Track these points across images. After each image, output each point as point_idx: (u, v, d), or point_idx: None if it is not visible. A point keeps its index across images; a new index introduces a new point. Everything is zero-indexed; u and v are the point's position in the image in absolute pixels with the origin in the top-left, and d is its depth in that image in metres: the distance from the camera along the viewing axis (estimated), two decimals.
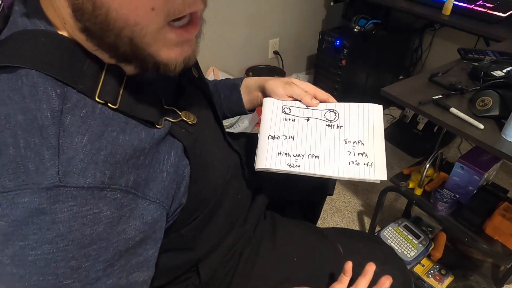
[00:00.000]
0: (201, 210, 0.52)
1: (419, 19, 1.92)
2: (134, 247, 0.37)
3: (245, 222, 0.68)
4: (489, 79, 0.93)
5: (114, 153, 0.35)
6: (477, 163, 1.03)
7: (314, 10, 2.24)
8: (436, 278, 1.22)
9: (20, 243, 0.31)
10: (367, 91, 2.07)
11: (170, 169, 0.42)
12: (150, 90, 0.42)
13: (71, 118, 0.33)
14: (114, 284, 0.36)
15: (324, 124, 0.65)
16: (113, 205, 0.34)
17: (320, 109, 0.67)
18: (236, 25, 1.97)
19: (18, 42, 0.34)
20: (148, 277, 0.41)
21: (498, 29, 1.37)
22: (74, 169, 0.32)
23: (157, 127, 0.40)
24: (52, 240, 0.31)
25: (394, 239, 1.28)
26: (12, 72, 0.33)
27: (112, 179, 0.34)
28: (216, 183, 0.54)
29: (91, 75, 0.35)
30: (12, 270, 0.32)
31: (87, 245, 0.33)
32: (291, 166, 0.60)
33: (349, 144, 0.62)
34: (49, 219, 0.31)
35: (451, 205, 1.07)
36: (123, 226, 0.35)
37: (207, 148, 0.51)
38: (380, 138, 0.63)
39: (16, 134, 0.31)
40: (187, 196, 0.46)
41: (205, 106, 0.56)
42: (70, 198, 0.32)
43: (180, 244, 0.54)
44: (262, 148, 0.62)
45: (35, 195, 0.31)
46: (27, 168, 0.31)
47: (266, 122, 0.65)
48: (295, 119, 0.65)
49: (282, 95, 0.66)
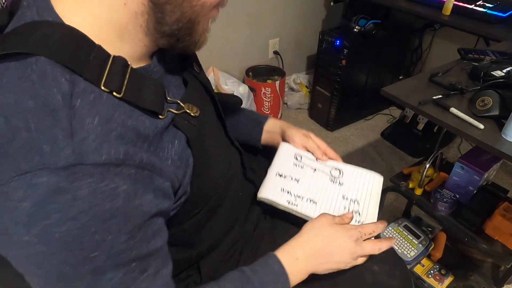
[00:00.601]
0: (203, 204, 0.53)
1: (419, 19, 1.92)
2: (150, 219, 0.39)
3: (245, 221, 0.69)
4: (489, 79, 0.93)
5: (124, 135, 0.36)
6: (477, 163, 1.03)
7: (314, 10, 2.24)
8: (436, 278, 1.22)
9: (45, 222, 0.32)
10: (367, 91, 2.07)
11: (175, 156, 0.43)
12: (153, 81, 0.43)
13: (81, 101, 0.34)
14: (137, 255, 0.38)
15: (328, 178, 0.73)
16: (129, 180, 0.36)
17: (328, 165, 0.75)
18: (236, 25, 1.97)
19: (27, 32, 0.35)
20: (164, 241, 0.43)
21: (498, 29, 1.37)
22: (88, 148, 0.33)
23: (160, 118, 0.41)
24: (75, 216, 0.33)
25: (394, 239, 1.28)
26: (21, 60, 0.34)
27: (126, 155, 0.36)
28: (218, 177, 0.55)
29: (97, 65, 0.36)
30: (41, 248, 0.33)
31: (108, 219, 0.35)
32: (290, 203, 0.66)
33: (346, 200, 0.69)
34: (70, 196, 0.32)
35: (451, 205, 1.07)
36: (139, 200, 0.37)
37: (209, 141, 0.52)
38: (375, 204, 0.69)
39: (27, 118, 0.32)
40: (190, 188, 0.47)
41: (207, 101, 0.57)
42: (87, 175, 0.33)
43: (182, 240, 0.55)
44: (268, 181, 0.69)
45: (53, 175, 0.32)
46: (41, 149, 0.32)
47: (278, 161, 0.73)
48: (303, 167, 0.74)
49: (298, 144, 0.76)
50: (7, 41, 0.35)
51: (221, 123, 0.61)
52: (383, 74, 2.12)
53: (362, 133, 2.10)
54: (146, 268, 0.40)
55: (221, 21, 1.92)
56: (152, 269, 0.41)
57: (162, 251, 0.43)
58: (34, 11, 0.37)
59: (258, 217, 0.73)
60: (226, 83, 1.90)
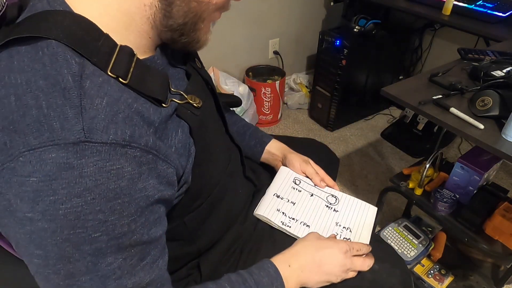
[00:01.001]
0: (204, 197, 0.54)
1: (419, 19, 1.92)
2: (152, 205, 0.40)
3: (245, 220, 0.69)
4: (489, 79, 0.93)
5: (131, 117, 0.37)
6: (477, 163, 1.03)
7: (314, 10, 2.24)
8: (436, 278, 1.22)
9: (51, 198, 0.32)
10: (367, 91, 2.07)
11: (178, 144, 0.44)
12: (158, 72, 0.44)
13: (90, 83, 0.35)
14: (138, 240, 0.39)
15: (324, 204, 0.75)
16: (134, 162, 0.36)
17: (325, 192, 0.78)
18: (236, 25, 1.97)
19: (38, 19, 0.37)
20: (163, 231, 0.44)
21: (498, 29, 1.37)
22: (97, 126, 0.34)
23: (163, 106, 0.42)
24: (81, 193, 0.33)
25: (394, 239, 1.28)
26: (32, 44, 0.35)
27: (132, 137, 0.36)
28: (218, 170, 0.56)
29: (105, 52, 0.38)
30: (44, 225, 0.33)
31: (112, 199, 0.35)
32: (283, 224, 0.69)
33: (339, 227, 0.71)
34: (77, 173, 0.33)
35: (451, 205, 1.07)
36: (143, 183, 0.38)
37: (210, 133, 0.53)
38: (367, 234, 0.71)
39: (38, 97, 0.33)
40: (191, 178, 0.48)
41: (208, 95, 0.57)
42: (95, 153, 0.33)
43: (183, 235, 0.55)
44: (266, 200, 0.73)
45: (62, 151, 0.32)
46: (51, 126, 0.32)
47: (277, 184, 0.76)
48: (301, 191, 0.76)
49: (298, 168, 0.78)
50: (19, 28, 0.36)
51: (221, 119, 0.61)
52: (383, 74, 2.12)
53: (362, 133, 2.10)
54: (145, 256, 0.40)
55: (221, 21, 1.90)
56: (150, 259, 0.41)
57: (161, 241, 0.44)
58: (45, 2, 0.38)
59: None
60: (226, 83, 1.90)
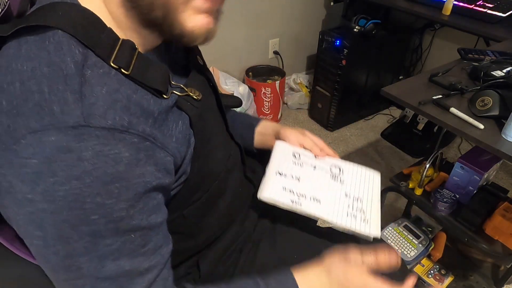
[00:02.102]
0: (203, 191, 0.54)
1: (419, 19, 1.92)
2: (150, 191, 0.40)
3: (245, 220, 0.69)
4: (489, 79, 0.93)
5: (129, 107, 0.38)
6: (477, 163, 1.03)
7: (314, 10, 2.24)
8: (436, 278, 1.22)
9: (50, 179, 0.33)
10: (367, 91, 2.07)
11: (179, 135, 0.45)
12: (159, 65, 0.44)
13: (91, 73, 0.36)
14: (137, 226, 0.39)
15: (329, 176, 0.71)
16: (131, 148, 0.37)
17: (326, 163, 0.73)
18: (236, 25, 1.97)
19: (45, 10, 0.38)
20: (164, 218, 0.44)
21: (498, 29, 1.37)
22: (96, 111, 0.35)
23: (164, 97, 0.43)
24: (79, 176, 0.34)
25: (394, 239, 1.28)
26: (40, 34, 0.36)
27: (131, 124, 0.37)
28: (217, 164, 0.56)
29: (107, 44, 0.38)
30: (43, 206, 0.34)
31: (110, 183, 0.36)
32: (294, 203, 0.63)
33: (349, 198, 0.68)
34: (76, 156, 0.34)
35: (451, 205, 1.07)
36: (141, 169, 0.38)
37: (210, 127, 0.53)
38: (377, 201, 0.68)
39: (41, 83, 0.34)
40: (190, 169, 0.48)
41: (209, 92, 0.58)
42: (93, 137, 0.34)
43: (182, 228, 0.56)
44: (268, 180, 0.66)
45: (62, 134, 0.33)
46: (52, 110, 0.33)
47: (276, 161, 0.70)
48: (303, 165, 0.71)
49: (295, 142, 0.73)
50: (28, 18, 0.37)
51: (222, 117, 0.62)
52: (383, 74, 2.12)
53: (362, 133, 2.10)
54: (146, 242, 0.41)
55: (221, 21, 1.91)
56: (152, 245, 0.42)
57: (162, 228, 0.44)
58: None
59: (258, 216, 0.73)
60: (226, 83, 1.90)
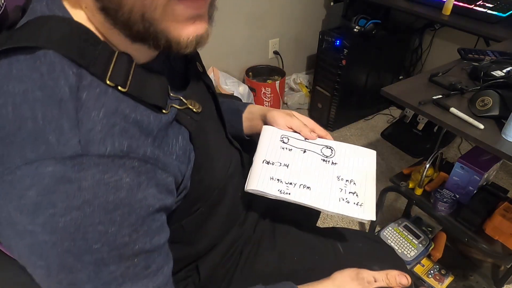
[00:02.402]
0: (203, 202, 0.53)
1: (419, 19, 1.92)
2: (153, 213, 0.39)
3: (244, 221, 0.69)
4: (489, 79, 0.93)
5: (127, 129, 0.37)
6: (477, 163, 1.03)
7: (314, 10, 2.24)
8: (436, 278, 1.22)
9: (50, 211, 0.32)
10: (367, 91, 2.07)
11: (179, 151, 0.44)
12: (157, 77, 0.43)
13: (87, 94, 0.35)
14: (140, 250, 0.38)
15: (320, 158, 0.67)
16: (132, 172, 0.36)
17: (317, 144, 0.69)
18: (236, 25, 1.97)
19: (36, 26, 0.36)
20: (166, 238, 0.44)
21: (498, 29, 1.37)
22: (94, 138, 0.34)
23: (163, 113, 0.42)
24: (80, 206, 0.33)
25: (394, 239, 1.28)
26: (30, 53, 0.35)
27: (130, 148, 0.36)
28: (218, 175, 0.55)
29: (102, 60, 0.37)
30: (44, 238, 0.33)
31: (112, 211, 0.35)
32: (281, 192, 0.61)
33: (341, 181, 0.64)
34: (75, 186, 0.33)
35: (451, 205, 1.07)
36: (143, 193, 0.37)
37: (210, 138, 0.52)
38: (372, 181, 0.65)
39: (34, 108, 0.33)
40: (190, 183, 0.48)
41: (209, 100, 0.57)
42: (92, 166, 0.33)
43: (181, 238, 0.55)
44: (255, 171, 0.63)
45: (59, 164, 0.32)
46: (47, 139, 0.32)
47: (263, 148, 0.66)
48: (292, 149, 0.67)
49: (282, 125, 0.69)
50: (17, 35, 0.36)
51: (221, 124, 0.61)
52: (383, 74, 2.12)
53: (362, 133, 2.10)
54: (150, 264, 0.40)
55: (221, 21, 1.92)
56: (155, 266, 0.41)
57: (164, 248, 0.43)
58: (44, 5, 0.38)
59: (258, 217, 0.73)
60: (226, 83, 1.90)
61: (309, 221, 0.86)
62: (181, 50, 0.39)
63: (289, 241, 0.71)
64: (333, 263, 0.70)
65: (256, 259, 0.67)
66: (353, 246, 0.75)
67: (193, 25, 0.38)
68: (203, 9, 0.39)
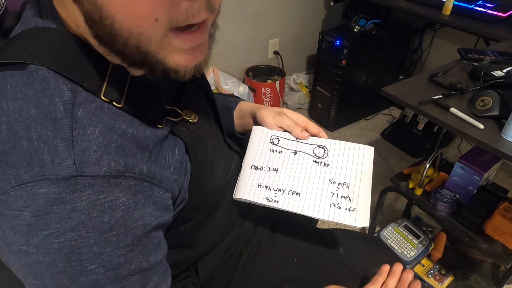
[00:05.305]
0: (201, 208, 0.53)
1: (419, 19, 1.92)
2: (150, 232, 0.39)
3: (244, 222, 0.69)
4: (489, 79, 0.93)
5: (124, 146, 0.36)
6: (477, 163, 1.03)
7: (314, 10, 2.24)
8: (436, 278, 1.22)
9: (44, 232, 0.32)
10: (367, 91, 2.07)
11: (176, 164, 0.43)
12: (152, 91, 0.42)
13: (82, 111, 0.34)
14: (137, 269, 0.38)
15: (311, 160, 0.63)
16: (128, 192, 0.35)
17: (310, 144, 0.65)
18: (236, 25, 1.97)
19: (28, 39, 0.35)
20: (164, 254, 0.43)
21: (498, 29, 1.37)
22: (89, 158, 0.33)
23: (159, 127, 0.41)
24: (74, 227, 0.32)
25: (394, 239, 1.28)
26: (23, 68, 0.34)
27: (126, 167, 0.35)
28: (216, 182, 0.55)
29: (97, 75, 0.36)
30: (39, 258, 0.33)
31: (107, 231, 0.34)
32: (269, 201, 0.58)
33: (333, 184, 0.61)
34: (69, 208, 0.32)
35: (451, 205, 1.07)
36: (140, 212, 0.37)
37: (208, 147, 0.51)
38: (367, 182, 0.61)
39: (29, 127, 0.32)
40: (188, 193, 0.47)
41: (206, 106, 0.56)
42: (87, 187, 0.33)
43: (179, 242, 0.54)
44: (243, 178, 0.61)
45: (53, 186, 0.32)
46: (42, 160, 0.32)
47: (252, 151, 0.63)
48: (282, 151, 0.64)
49: (272, 124, 0.65)
50: (10, 48, 0.35)
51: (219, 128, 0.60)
52: (383, 74, 2.12)
53: (362, 133, 2.10)
54: (146, 283, 0.40)
55: (221, 21, 1.90)
56: (152, 284, 0.41)
57: (162, 265, 0.43)
58: (37, 16, 0.37)
59: (257, 218, 0.73)
60: (226, 83, 1.90)
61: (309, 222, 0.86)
62: (179, 78, 0.38)
63: (289, 242, 0.71)
64: (333, 265, 0.70)
65: (256, 260, 0.67)
66: (353, 248, 0.75)
67: (192, 55, 0.37)
68: (201, 39, 0.37)
